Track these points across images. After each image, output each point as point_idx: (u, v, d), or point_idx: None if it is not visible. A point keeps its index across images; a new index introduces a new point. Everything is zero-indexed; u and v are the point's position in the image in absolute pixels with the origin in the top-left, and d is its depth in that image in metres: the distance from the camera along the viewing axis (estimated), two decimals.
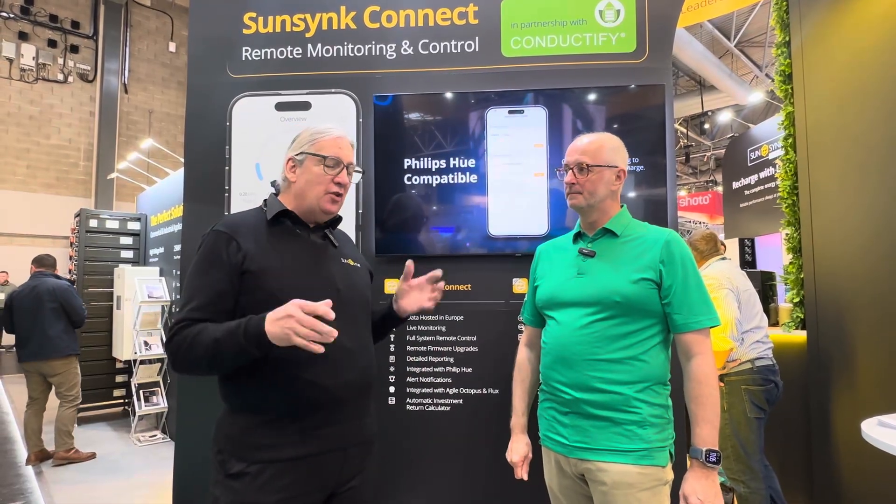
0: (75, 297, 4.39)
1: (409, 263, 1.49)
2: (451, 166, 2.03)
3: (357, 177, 1.44)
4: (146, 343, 4.82)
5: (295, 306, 1.08)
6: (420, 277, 1.52)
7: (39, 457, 4.15)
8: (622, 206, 1.50)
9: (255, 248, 1.27)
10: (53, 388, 4.30)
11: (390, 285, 2.06)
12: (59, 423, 4.21)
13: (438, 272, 1.52)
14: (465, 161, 2.03)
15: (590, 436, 1.35)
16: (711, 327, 1.35)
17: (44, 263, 4.44)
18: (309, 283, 1.29)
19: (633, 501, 1.29)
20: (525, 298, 1.68)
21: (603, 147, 1.43)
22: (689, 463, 1.31)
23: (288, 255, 1.30)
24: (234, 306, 1.24)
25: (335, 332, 1.09)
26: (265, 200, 1.41)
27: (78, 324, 4.35)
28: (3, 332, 4.98)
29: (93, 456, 4.29)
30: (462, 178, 2.03)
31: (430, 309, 1.53)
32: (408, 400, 2.03)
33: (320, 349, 1.09)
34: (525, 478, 1.52)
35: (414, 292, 1.53)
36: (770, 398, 2.63)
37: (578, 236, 1.52)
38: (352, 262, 1.43)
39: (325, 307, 1.08)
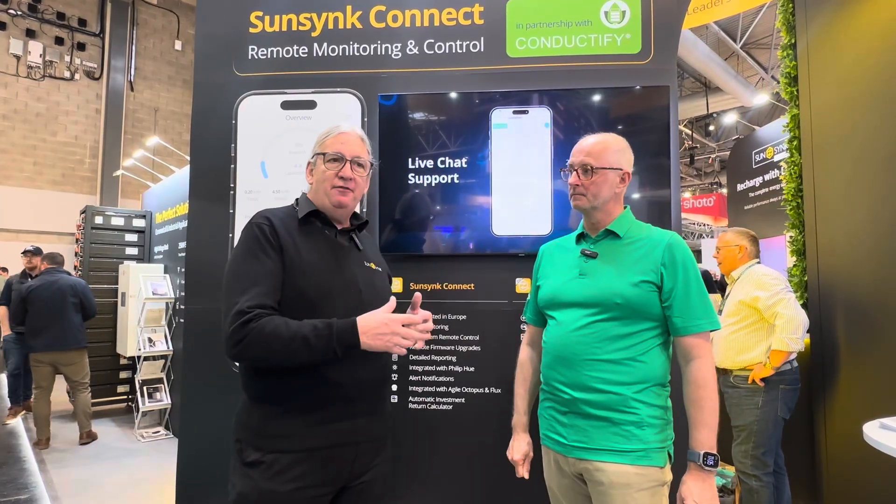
0: (91, 293, 4.75)
1: (417, 296, 1.33)
2: (456, 166, 2.04)
3: (370, 169, 1.44)
4: (150, 340, 4.84)
5: (395, 323, 1.20)
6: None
7: (47, 443, 4.41)
8: (625, 208, 1.50)
9: (288, 241, 1.30)
10: (66, 378, 4.58)
11: (393, 284, 2.07)
12: (83, 408, 4.56)
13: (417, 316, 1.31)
14: (470, 161, 2.03)
15: (588, 436, 1.35)
16: (711, 331, 1.36)
17: (56, 261, 4.74)
18: (333, 283, 1.32)
19: (631, 501, 1.29)
20: (528, 298, 1.68)
21: (608, 149, 1.43)
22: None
23: (315, 253, 1.33)
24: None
25: (430, 326, 1.27)
26: (297, 199, 1.44)
27: (90, 317, 4.70)
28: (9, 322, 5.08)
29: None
30: (466, 178, 2.03)
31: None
32: (410, 398, 2.04)
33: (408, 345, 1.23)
34: (526, 476, 1.53)
35: None
36: (796, 398, 2.66)
37: (581, 237, 1.52)
38: (373, 266, 1.45)
39: (424, 323, 1.26)
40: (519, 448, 1.55)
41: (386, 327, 1.19)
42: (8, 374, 5.45)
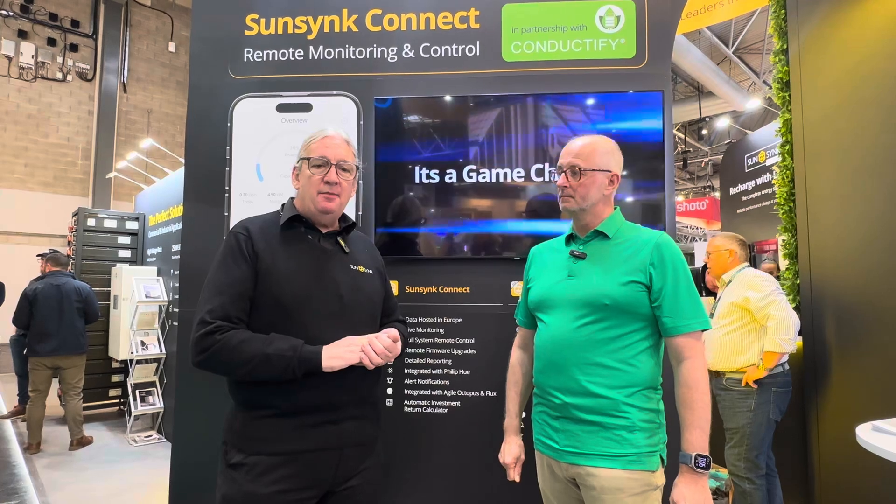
0: (95, 298, 4.73)
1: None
2: (451, 169, 2.04)
3: (356, 173, 1.45)
4: (143, 343, 4.80)
5: (356, 340, 1.28)
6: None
7: (37, 448, 4.36)
8: (615, 209, 1.50)
9: (265, 249, 1.32)
10: (61, 381, 4.54)
11: None
12: (73, 414, 4.49)
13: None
14: (465, 163, 2.04)
15: (580, 440, 1.35)
16: (702, 331, 1.35)
17: (60, 262, 4.67)
18: (311, 288, 1.32)
19: None
20: (519, 300, 1.68)
21: (596, 150, 1.42)
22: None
23: (293, 259, 1.33)
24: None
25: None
26: (283, 205, 1.45)
27: (91, 322, 4.67)
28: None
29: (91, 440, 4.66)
30: (462, 181, 2.04)
31: None
32: (405, 402, 2.03)
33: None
34: (517, 479, 1.53)
35: None
36: (788, 400, 2.68)
37: (571, 238, 1.51)
38: (362, 269, 1.44)
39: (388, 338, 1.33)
40: (510, 451, 1.55)
41: (345, 348, 1.26)
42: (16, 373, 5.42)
